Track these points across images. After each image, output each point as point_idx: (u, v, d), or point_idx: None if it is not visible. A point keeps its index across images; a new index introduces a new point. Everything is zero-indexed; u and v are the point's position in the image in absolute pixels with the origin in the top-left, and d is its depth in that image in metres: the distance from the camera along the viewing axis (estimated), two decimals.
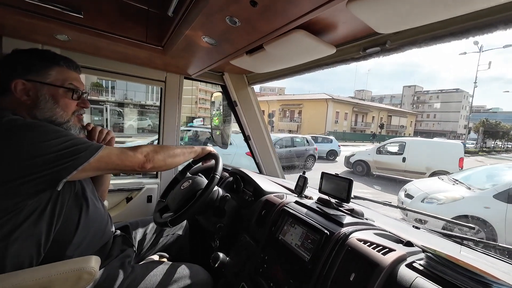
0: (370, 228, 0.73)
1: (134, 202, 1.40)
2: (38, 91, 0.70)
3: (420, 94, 60.73)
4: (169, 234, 1.11)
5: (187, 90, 26.89)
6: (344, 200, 0.80)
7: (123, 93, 18.38)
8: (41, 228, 0.62)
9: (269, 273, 0.76)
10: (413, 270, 0.55)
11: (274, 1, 0.58)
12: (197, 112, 30.54)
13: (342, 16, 0.71)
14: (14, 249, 0.58)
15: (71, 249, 0.68)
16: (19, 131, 0.58)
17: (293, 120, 31.35)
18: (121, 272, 0.75)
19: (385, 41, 0.81)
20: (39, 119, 0.69)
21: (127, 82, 1.30)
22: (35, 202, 0.60)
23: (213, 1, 0.62)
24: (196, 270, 0.87)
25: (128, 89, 18.30)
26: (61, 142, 0.61)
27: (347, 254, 0.61)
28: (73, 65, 0.78)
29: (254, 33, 0.76)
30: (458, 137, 45.76)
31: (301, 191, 1.02)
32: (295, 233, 0.76)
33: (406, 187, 4.26)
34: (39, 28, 0.90)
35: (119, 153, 0.72)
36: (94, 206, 0.77)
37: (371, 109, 36.05)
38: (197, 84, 4.39)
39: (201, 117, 16.63)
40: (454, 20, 0.66)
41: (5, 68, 0.70)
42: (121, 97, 18.17)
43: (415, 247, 0.67)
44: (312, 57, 0.96)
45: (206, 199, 0.87)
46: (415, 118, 49.55)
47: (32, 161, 0.57)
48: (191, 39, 0.88)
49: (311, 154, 9.14)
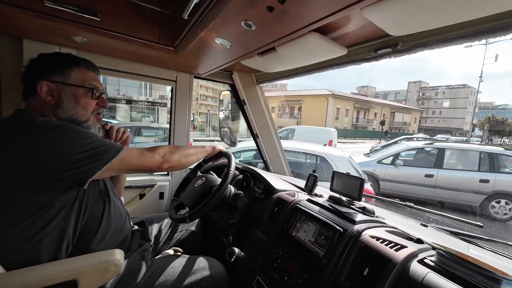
0: (382, 226, 0.75)
1: (147, 199, 1.44)
2: (61, 91, 0.73)
3: (426, 90, 59.83)
4: (183, 229, 1.16)
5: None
6: (356, 198, 0.82)
7: (115, 88, 17.55)
8: (70, 222, 0.66)
9: (283, 268, 0.79)
10: (424, 265, 0.58)
11: (291, 6, 0.59)
12: (197, 109, 30.36)
13: (355, 20, 0.73)
14: (47, 241, 0.62)
15: (95, 242, 0.72)
16: (51, 132, 0.62)
17: (293, 117, 30.84)
18: (143, 265, 0.80)
19: (397, 42, 0.82)
20: (61, 118, 0.73)
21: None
22: (65, 198, 0.64)
23: (231, 6, 0.64)
24: (212, 263, 0.91)
25: (120, 84, 17.15)
26: (88, 143, 0.65)
27: (361, 250, 0.64)
28: (92, 66, 0.82)
29: (268, 37, 0.78)
30: (464, 134, 44.87)
31: (311, 189, 1.05)
32: (308, 229, 0.79)
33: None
34: (58, 30, 0.93)
35: (139, 154, 0.76)
36: (114, 203, 0.81)
37: (373, 105, 35.27)
38: (199, 80, 4.40)
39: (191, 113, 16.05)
40: (466, 23, 0.67)
41: (31, 71, 0.74)
42: (113, 93, 17.29)
43: (425, 244, 0.69)
44: (323, 58, 0.97)
45: (222, 194, 0.91)
46: (420, 115, 48.84)
47: (63, 161, 0.61)
48: (204, 41, 0.90)
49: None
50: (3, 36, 1.01)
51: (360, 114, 33.80)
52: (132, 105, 16.21)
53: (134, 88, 17.92)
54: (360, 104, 32.99)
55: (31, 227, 0.60)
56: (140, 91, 18.54)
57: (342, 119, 30.49)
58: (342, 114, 30.63)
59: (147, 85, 17.75)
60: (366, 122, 34.47)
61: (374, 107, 35.50)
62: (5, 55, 1.03)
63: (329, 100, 28.23)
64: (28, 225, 0.60)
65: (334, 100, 28.93)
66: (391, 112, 38.84)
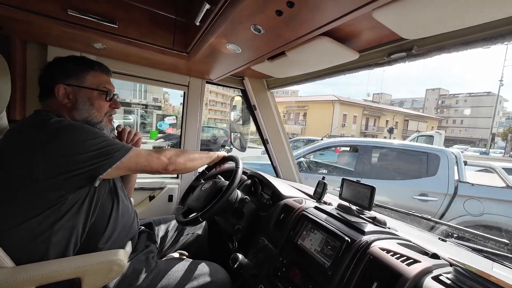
0: (394, 238, 0.71)
1: (157, 201, 1.47)
2: (77, 94, 0.77)
3: (445, 97, 57.26)
4: (189, 233, 1.16)
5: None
6: (366, 207, 0.78)
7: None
8: (79, 220, 0.67)
9: (288, 277, 0.77)
10: (439, 283, 0.53)
11: (300, 10, 0.59)
12: (207, 114, 30.52)
13: (367, 23, 0.71)
14: (56, 238, 0.64)
15: (102, 241, 0.73)
16: (65, 131, 0.65)
17: (297, 123, 30.08)
18: (146, 266, 0.80)
19: (411, 46, 0.79)
20: (77, 120, 0.76)
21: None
22: (75, 196, 0.66)
23: (240, 11, 0.65)
24: (216, 269, 0.90)
25: (115, 87, 17.05)
26: (99, 142, 0.67)
27: (369, 262, 0.61)
28: (105, 69, 0.85)
29: (278, 41, 0.78)
30: (490, 146, 42.16)
31: (320, 196, 1.02)
32: (314, 238, 0.76)
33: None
34: (79, 37, 0.98)
35: (147, 155, 0.78)
36: (123, 203, 0.83)
37: (384, 113, 33.49)
38: (208, 85, 4.40)
39: (173, 115, 14.42)
40: (487, 25, 0.64)
41: (49, 74, 0.77)
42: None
43: (441, 259, 0.64)
44: (335, 62, 0.96)
45: (233, 190, 0.91)
46: (438, 124, 46.49)
47: (74, 158, 0.63)
48: (215, 46, 0.91)
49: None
50: (30, 42, 1.09)
51: (369, 122, 32.19)
52: (125, 108, 15.20)
53: (128, 91, 17.38)
54: (369, 111, 31.43)
55: (41, 223, 0.62)
56: (134, 93, 18.06)
57: (350, 126, 29.03)
58: (350, 121, 29.19)
59: (142, 87, 17.17)
60: (376, 130, 32.79)
61: (385, 115, 33.78)
62: (32, 60, 1.11)
63: (335, 106, 27.12)
64: (38, 222, 0.62)
65: (340, 106, 27.68)
66: (405, 120, 36.83)
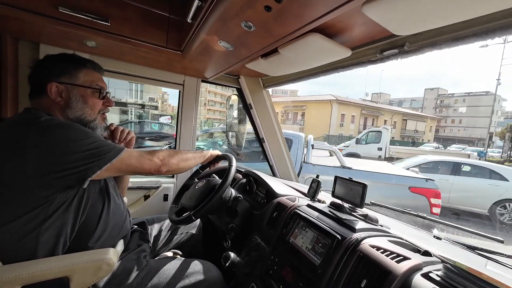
0: (385, 235, 0.70)
1: (152, 200, 1.46)
2: (70, 92, 0.76)
3: (444, 97, 57.28)
4: (183, 232, 1.15)
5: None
6: (358, 205, 0.78)
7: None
8: (68, 219, 0.66)
9: (279, 275, 0.76)
10: (429, 280, 0.53)
11: (288, 5, 0.58)
12: (205, 114, 30.46)
13: (358, 19, 0.70)
14: (44, 237, 0.63)
15: (92, 240, 0.72)
16: (54, 130, 0.64)
17: (296, 123, 29.75)
18: (137, 265, 0.79)
19: (403, 43, 0.79)
20: (70, 118, 0.75)
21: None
22: (64, 195, 0.65)
23: (229, 7, 0.64)
24: (208, 267, 0.89)
25: (110, 86, 16.94)
26: (89, 142, 0.66)
27: (359, 260, 0.60)
28: (97, 66, 0.84)
29: (269, 37, 0.77)
30: (488, 146, 42.03)
31: (313, 194, 1.01)
32: (306, 236, 0.76)
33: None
34: (71, 35, 0.97)
35: (139, 156, 0.77)
36: (115, 202, 0.82)
37: (382, 112, 33.16)
38: (207, 85, 4.35)
39: (168, 115, 14.20)
40: (478, 20, 0.63)
41: (40, 72, 0.76)
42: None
43: (433, 257, 0.64)
44: (327, 60, 0.95)
45: (226, 190, 0.90)
46: (437, 123, 46.41)
47: (64, 158, 0.62)
48: (208, 43, 0.91)
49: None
50: (22, 40, 1.08)
51: (368, 121, 31.82)
52: (121, 108, 14.79)
53: (124, 90, 16.93)
54: (367, 111, 31.13)
55: (29, 222, 0.61)
56: (130, 93, 17.65)
57: (348, 126, 28.74)
58: (348, 120, 28.95)
59: (138, 87, 16.91)
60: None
61: (384, 114, 33.42)
62: (24, 58, 1.10)
63: (333, 105, 26.87)
64: (26, 220, 0.61)
65: (338, 105, 27.47)
66: (403, 120, 36.56)
